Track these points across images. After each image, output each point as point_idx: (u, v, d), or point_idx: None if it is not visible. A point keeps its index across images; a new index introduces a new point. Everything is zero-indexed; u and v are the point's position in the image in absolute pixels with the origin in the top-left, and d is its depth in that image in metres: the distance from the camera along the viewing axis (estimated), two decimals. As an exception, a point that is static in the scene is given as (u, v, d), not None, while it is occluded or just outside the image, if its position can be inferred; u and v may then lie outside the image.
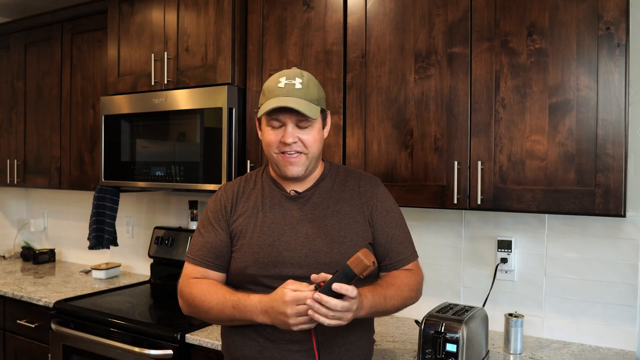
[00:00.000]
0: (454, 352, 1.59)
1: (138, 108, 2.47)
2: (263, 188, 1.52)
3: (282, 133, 1.40)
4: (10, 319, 2.68)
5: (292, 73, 1.42)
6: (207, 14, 2.33)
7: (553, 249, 2.00)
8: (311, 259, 1.41)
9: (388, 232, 1.51)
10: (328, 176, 1.54)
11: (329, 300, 1.20)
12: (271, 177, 1.54)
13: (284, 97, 1.37)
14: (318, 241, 1.43)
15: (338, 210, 1.48)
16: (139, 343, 2.08)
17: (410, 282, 1.48)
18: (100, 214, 2.81)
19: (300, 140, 1.41)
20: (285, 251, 1.42)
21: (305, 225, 1.45)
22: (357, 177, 1.56)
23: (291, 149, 1.41)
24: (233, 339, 1.47)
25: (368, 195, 1.52)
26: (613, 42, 1.59)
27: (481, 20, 1.79)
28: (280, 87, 1.39)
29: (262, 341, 1.41)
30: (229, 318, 1.39)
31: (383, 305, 1.38)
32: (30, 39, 3.13)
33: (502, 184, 1.76)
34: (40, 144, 3.10)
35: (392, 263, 1.51)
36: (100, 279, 2.97)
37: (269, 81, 1.44)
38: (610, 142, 1.60)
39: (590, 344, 1.93)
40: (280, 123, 1.41)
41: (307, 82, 1.41)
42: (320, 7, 2.10)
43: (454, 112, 1.84)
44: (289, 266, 1.41)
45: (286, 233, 1.44)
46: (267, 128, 1.44)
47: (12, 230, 3.73)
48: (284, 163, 1.43)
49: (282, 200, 1.49)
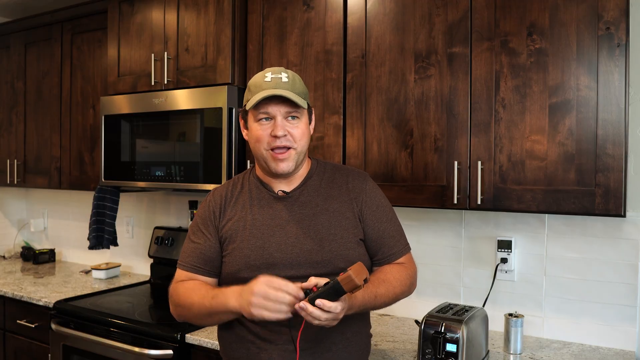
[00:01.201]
0: (454, 352, 1.59)
1: (138, 108, 2.47)
2: (250, 190, 1.52)
3: (271, 127, 1.40)
4: (10, 319, 2.68)
5: (277, 69, 1.43)
6: (207, 14, 2.33)
7: (553, 249, 2.00)
8: (303, 259, 1.41)
9: (379, 227, 1.50)
10: (315, 174, 1.53)
11: (313, 311, 1.21)
12: (258, 178, 1.53)
13: (272, 89, 1.38)
14: (308, 241, 1.43)
15: (327, 208, 1.47)
16: (139, 343, 2.08)
17: (402, 277, 1.48)
18: (100, 214, 2.81)
19: (289, 133, 1.41)
20: (276, 252, 1.42)
21: (294, 225, 1.45)
22: (344, 173, 1.55)
23: (281, 143, 1.40)
24: (229, 341, 1.47)
25: (357, 191, 1.51)
26: (613, 42, 1.59)
27: (481, 20, 1.79)
28: (267, 81, 1.40)
29: (258, 342, 1.41)
30: (208, 311, 1.38)
31: (373, 303, 1.39)
32: (30, 39, 3.13)
33: (502, 184, 1.76)
34: (40, 144, 3.10)
35: (385, 257, 1.51)
36: (100, 279, 2.97)
37: (253, 78, 1.45)
38: (610, 142, 1.60)
39: (590, 344, 1.93)
40: (269, 116, 1.40)
41: (292, 77, 1.43)
42: (320, 7, 2.10)
43: (454, 112, 1.84)
44: (280, 267, 1.40)
45: (276, 234, 1.44)
46: (254, 124, 1.43)
47: (12, 230, 3.73)
48: (274, 160, 1.42)
49: (270, 201, 1.48)
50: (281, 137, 1.39)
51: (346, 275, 1.19)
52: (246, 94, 1.46)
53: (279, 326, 1.38)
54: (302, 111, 1.43)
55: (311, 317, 1.21)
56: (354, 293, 1.24)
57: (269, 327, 1.39)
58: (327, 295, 1.21)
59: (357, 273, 1.19)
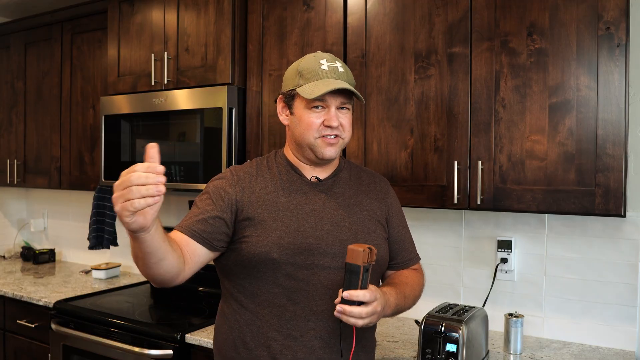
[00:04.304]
0: (454, 352, 1.59)
1: (138, 108, 2.47)
2: (280, 172, 1.44)
3: (323, 116, 1.36)
4: (10, 319, 2.68)
5: (329, 56, 1.39)
6: (207, 14, 2.33)
7: (553, 249, 2.00)
8: (338, 248, 1.35)
9: (401, 231, 1.54)
10: (345, 168, 1.51)
11: (352, 310, 1.17)
12: (288, 162, 1.46)
13: (334, 80, 1.34)
14: (344, 230, 1.38)
15: (360, 202, 1.46)
16: (139, 343, 2.08)
17: (420, 281, 1.53)
18: (100, 214, 2.81)
19: (340, 124, 1.38)
20: (311, 238, 1.34)
21: (329, 213, 1.40)
22: (369, 173, 1.57)
23: (332, 132, 1.37)
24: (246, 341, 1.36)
25: (384, 193, 1.53)
26: (613, 42, 1.59)
27: (481, 20, 1.79)
28: (325, 70, 1.36)
29: (281, 339, 1.33)
30: (132, 252, 1.16)
31: (403, 303, 1.40)
32: (30, 39, 3.13)
33: (502, 184, 1.76)
34: (40, 144, 3.10)
35: (404, 261, 1.53)
36: (100, 279, 2.97)
37: (305, 62, 1.39)
38: (610, 142, 1.60)
39: (590, 344, 1.93)
40: (323, 105, 1.36)
41: (345, 67, 1.40)
42: (320, 7, 2.10)
43: (454, 112, 1.84)
44: (315, 254, 1.33)
45: (311, 219, 1.37)
46: (306, 111, 1.37)
47: (12, 230, 3.73)
48: (323, 145, 1.37)
49: (303, 186, 1.43)
50: (334, 127, 1.36)
51: (348, 251, 1.17)
52: (295, 78, 1.39)
53: (323, 340, 1.32)
54: (351, 102, 1.42)
55: (353, 317, 1.17)
56: (370, 266, 1.18)
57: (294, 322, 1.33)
58: (349, 283, 1.17)
59: (356, 244, 1.18)
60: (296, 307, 1.33)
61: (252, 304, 1.36)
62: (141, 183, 0.95)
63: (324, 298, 1.33)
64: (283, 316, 1.33)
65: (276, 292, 1.34)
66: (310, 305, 1.33)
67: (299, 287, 1.33)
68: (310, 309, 1.33)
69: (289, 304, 1.33)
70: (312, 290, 1.33)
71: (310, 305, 1.33)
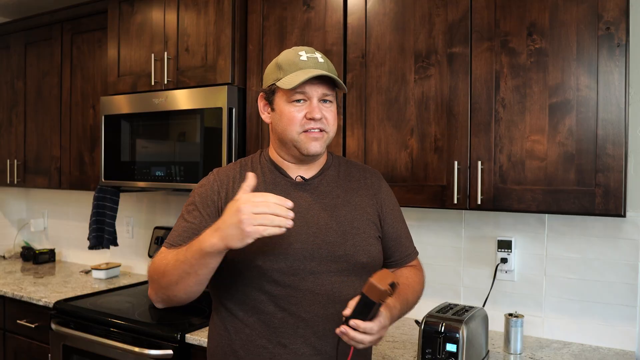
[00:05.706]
0: (454, 352, 1.59)
1: (138, 108, 2.47)
2: (264, 173, 1.39)
3: (305, 109, 1.31)
4: (10, 319, 2.68)
5: (308, 49, 1.35)
6: (207, 14, 2.33)
7: (553, 249, 2.00)
8: (324, 251, 1.31)
9: (397, 227, 1.47)
10: (332, 165, 1.45)
11: (355, 335, 1.14)
12: (272, 162, 1.41)
13: (313, 69, 1.29)
14: (331, 232, 1.33)
15: (348, 200, 1.39)
16: (139, 343, 2.08)
17: (421, 279, 1.50)
18: (100, 214, 2.81)
19: (324, 116, 1.32)
20: (295, 242, 1.29)
21: (315, 214, 1.34)
22: (360, 168, 1.50)
23: (316, 125, 1.31)
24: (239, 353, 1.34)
25: (375, 188, 1.46)
26: (613, 42, 1.59)
27: (481, 20, 1.79)
28: (304, 60, 1.31)
29: (270, 347, 1.30)
30: (183, 266, 1.19)
31: (406, 308, 1.38)
32: (30, 39, 3.13)
33: (502, 184, 1.76)
34: (40, 144, 3.10)
35: (402, 258, 1.48)
36: (100, 279, 2.97)
37: (283, 56, 1.35)
38: (610, 142, 1.60)
39: (590, 344, 1.93)
40: (305, 97, 1.31)
41: (325, 58, 1.35)
42: (320, 7, 2.10)
43: (454, 112, 1.84)
44: (300, 259, 1.29)
45: (296, 222, 1.25)
46: (287, 105, 1.32)
47: (12, 230, 3.73)
48: (307, 140, 1.32)
49: (287, 187, 1.37)
50: (317, 119, 1.31)
51: (368, 284, 1.12)
52: (274, 73, 1.35)
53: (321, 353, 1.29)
54: (334, 95, 1.36)
55: (355, 341, 1.14)
56: (386, 302, 1.15)
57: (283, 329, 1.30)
58: (360, 312, 1.14)
59: (380, 279, 1.12)
60: (284, 314, 1.29)
61: (240, 311, 1.33)
62: (276, 213, 1.08)
63: (313, 304, 1.29)
64: (271, 323, 1.30)
65: (263, 299, 1.30)
66: (299, 311, 1.29)
67: (286, 294, 1.29)
68: (299, 315, 1.29)
69: (277, 310, 1.29)
70: (300, 297, 1.29)
71: (298, 311, 1.29)
